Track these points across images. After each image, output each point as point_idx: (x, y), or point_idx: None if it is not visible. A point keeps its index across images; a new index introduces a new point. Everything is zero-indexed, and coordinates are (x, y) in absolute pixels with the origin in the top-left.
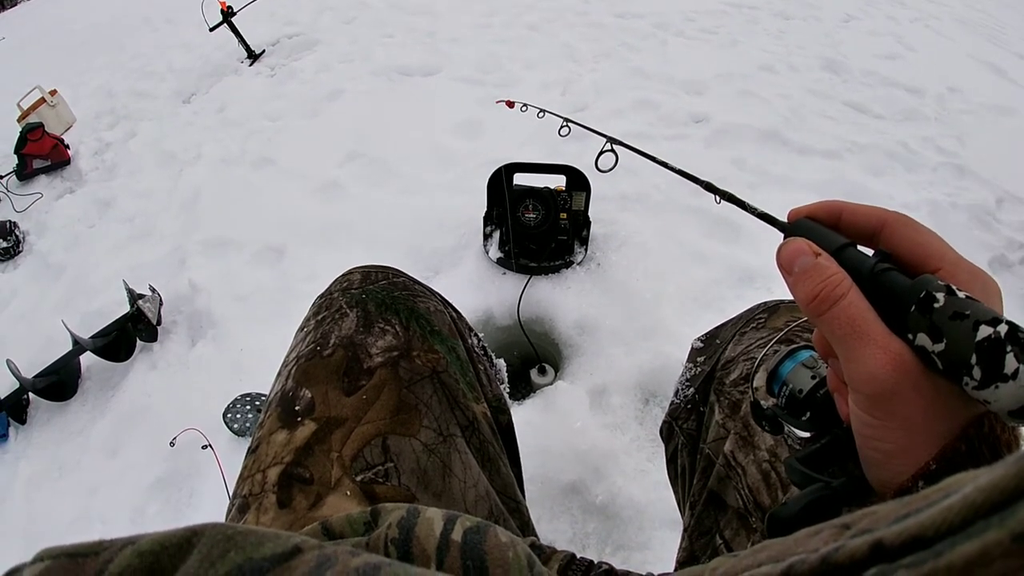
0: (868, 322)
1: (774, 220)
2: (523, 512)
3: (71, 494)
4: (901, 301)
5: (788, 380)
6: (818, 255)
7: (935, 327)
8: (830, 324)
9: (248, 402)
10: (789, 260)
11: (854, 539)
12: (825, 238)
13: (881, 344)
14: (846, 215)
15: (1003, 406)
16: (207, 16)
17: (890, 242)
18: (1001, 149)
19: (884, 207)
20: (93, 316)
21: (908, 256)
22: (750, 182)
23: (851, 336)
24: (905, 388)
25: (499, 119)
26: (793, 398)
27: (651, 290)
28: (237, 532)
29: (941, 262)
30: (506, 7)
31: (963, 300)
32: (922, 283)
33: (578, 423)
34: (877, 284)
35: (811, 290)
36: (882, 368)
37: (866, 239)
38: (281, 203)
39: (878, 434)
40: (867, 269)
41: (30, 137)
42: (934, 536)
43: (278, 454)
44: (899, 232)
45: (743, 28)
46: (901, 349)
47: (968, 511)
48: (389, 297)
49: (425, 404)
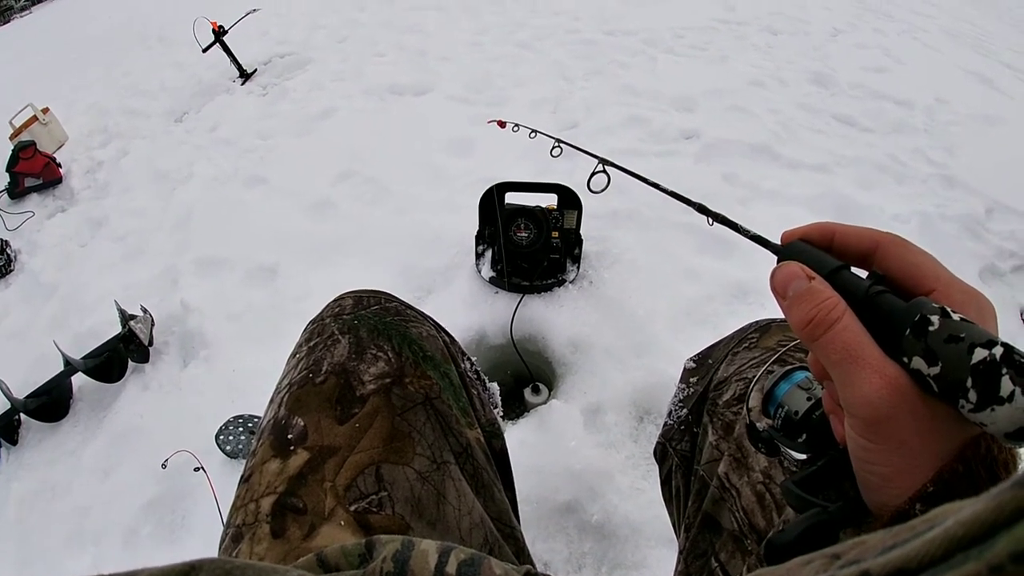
0: (863, 346)
1: (767, 243)
2: (518, 538)
3: (64, 515)
4: (896, 324)
5: (784, 402)
6: (812, 279)
7: (930, 350)
8: (825, 349)
9: (240, 424)
10: (783, 284)
11: (843, 570)
12: (819, 261)
13: (877, 368)
14: (839, 237)
15: (1000, 428)
16: (199, 36)
17: (884, 263)
18: (990, 159)
19: (876, 227)
20: (85, 336)
21: (902, 277)
22: (741, 197)
23: (846, 361)
24: (901, 412)
25: (491, 138)
26: (789, 420)
27: (644, 307)
28: (235, 567)
29: (935, 283)
30: (497, 25)
31: (958, 323)
32: (917, 306)
33: (572, 442)
34: (872, 307)
35: (805, 315)
36: (878, 392)
37: (860, 261)
38: (273, 222)
39: (875, 457)
40: (861, 292)
41: (22, 155)
42: (917, 568)
43: (271, 483)
44: (893, 253)
45: (732, 44)
46: (897, 373)
47: (949, 543)
48: (381, 323)
49: (418, 431)
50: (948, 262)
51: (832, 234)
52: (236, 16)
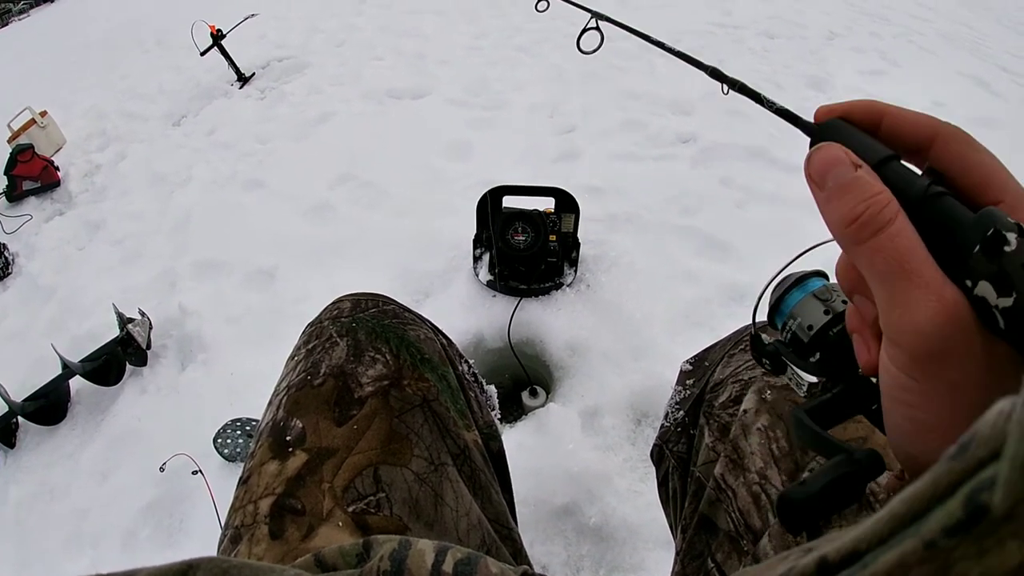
0: (919, 260)
1: (798, 119)
2: (515, 539)
3: (62, 518)
4: (961, 238)
5: (795, 313)
6: (858, 167)
7: (1004, 275)
8: (871, 257)
9: (239, 427)
10: (822, 170)
11: (804, 558)
12: (865, 147)
13: (934, 289)
14: (889, 120)
15: None
16: (196, 40)
17: (942, 161)
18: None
19: None
20: (83, 339)
21: (963, 180)
22: (738, 200)
23: (896, 275)
24: (957, 347)
25: (489, 141)
26: (798, 336)
27: (641, 310)
28: (232, 566)
29: (1003, 193)
30: (495, 29)
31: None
32: (988, 217)
33: (570, 445)
34: (930, 212)
35: (850, 211)
36: (932, 319)
37: (912, 154)
38: (272, 225)
39: (915, 400)
40: (918, 191)
41: (20, 158)
42: (866, 549)
43: (269, 485)
44: (954, 149)
45: (729, 48)
46: (957, 298)
47: (893, 522)
48: (379, 325)
49: (416, 433)
50: None
51: (881, 115)
52: (234, 20)
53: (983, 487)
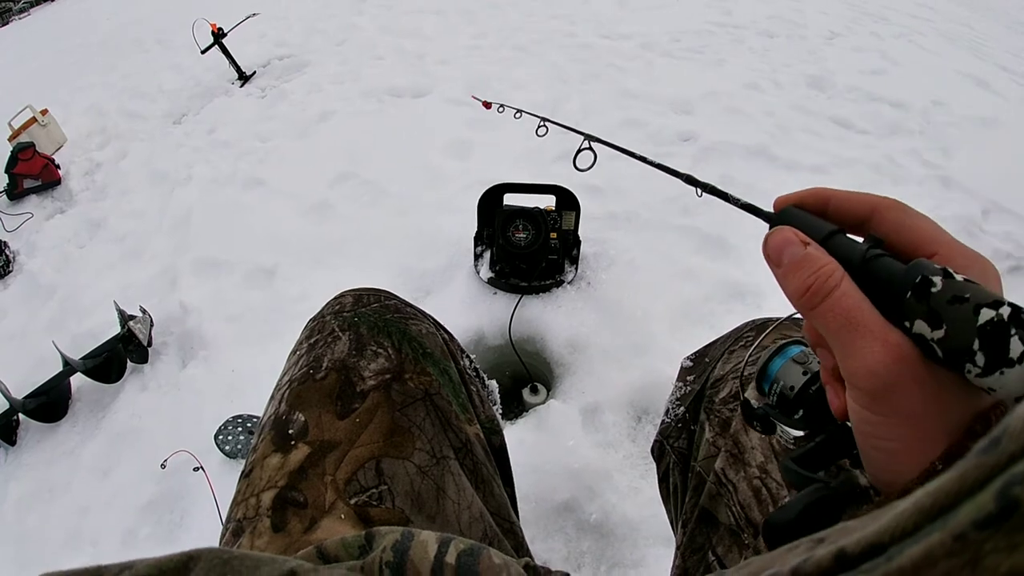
0: (863, 312)
1: (759, 211)
2: (517, 533)
3: (62, 516)
4: (896, 288)
5: (779, 377)
6: (807, 244)
7: (933, 313)
8: (824, 317)
9: (239, 424)
10: (776, 251)
11: (820, 549)
12: (813, 226)
13: (879, 336)
14: (834, 202)
15: (1010, 392)
16: (198, 38)
17: (881, 228)
18: (986, 160)
19: None
20: (83, 337)
21: (901, 242)
22: None
23: (846, 329)
24: (906, 380)
25: (489, 140)
26: (784, 396)
27: (641, 308)
28: (233, 556)
29: (937, 246)
30: (495, 29)
31: (962, 283)
32: (917, 267)
33: (571, 441)
34: (869, 271)
35: (802, 283)
36: (880, 360)
37: (856, 227)
38: (272, 223)
39: (880, 432)
40: (858, 256)
41: (21, 157)
42: (889, 541)
43: (272, 478)
44: (891, 217)
45: (728, 47)
46: (900, 340)
47: (919, 516)
48: (381, 320)
49: (418, 426)
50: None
51: (827, 199)
52: (234, 19)
53: (1015, 481)
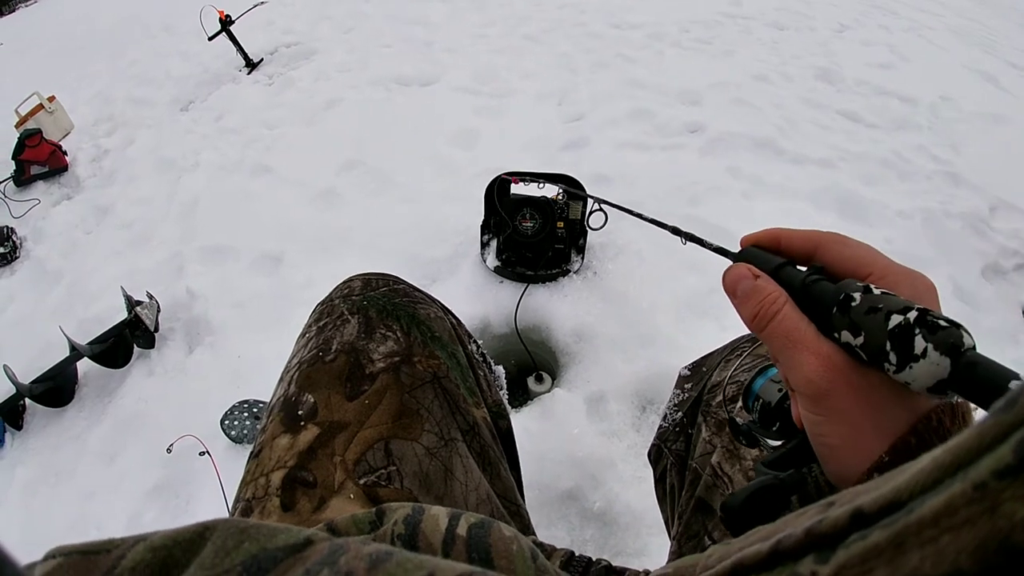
0: (801, 331)
1: (727, 252)
2: (523, 515)
3: (68, 500)
4: (826, 305)
5: (760, 394)
6: (757, 277)
7: (853, 323)
8: (769, 338)
9: (246, 409)
10: (732, 284)
11: (833, 511)
12: (765, 261)
13: (812, 349)
14: (784, 240)
15: (921, 385)
16: (205, 25)
17: (824, 259)
18: (994, 157)
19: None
20: (91, 322)
21: (841, 269)
22: (745, 191)
23: (787, 346)
24: (839, 384)
25: (496, 128)
26: (765, 411)
27: (647, 298)
28: (250, 525)
29: (871, 268)
30: (503, 17)
31: (877, 295)
32: (842, 287)
33: (575, 430)
34: (808, 295)
35: (751, 310)
36: (815, 370)
37: (805, 260)
38: (279, 211)
39: (822, 430)
40: (799, 282)
41: (28, 143)
42: (908, 498)
43: (281, 458)
44: (832, 249)
45: (737, 38)
46: (831, 351)
47: (938, 471)
48: (390, 304)
49: (427, 409)
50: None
51: (779, 238)
52: (240, 4)
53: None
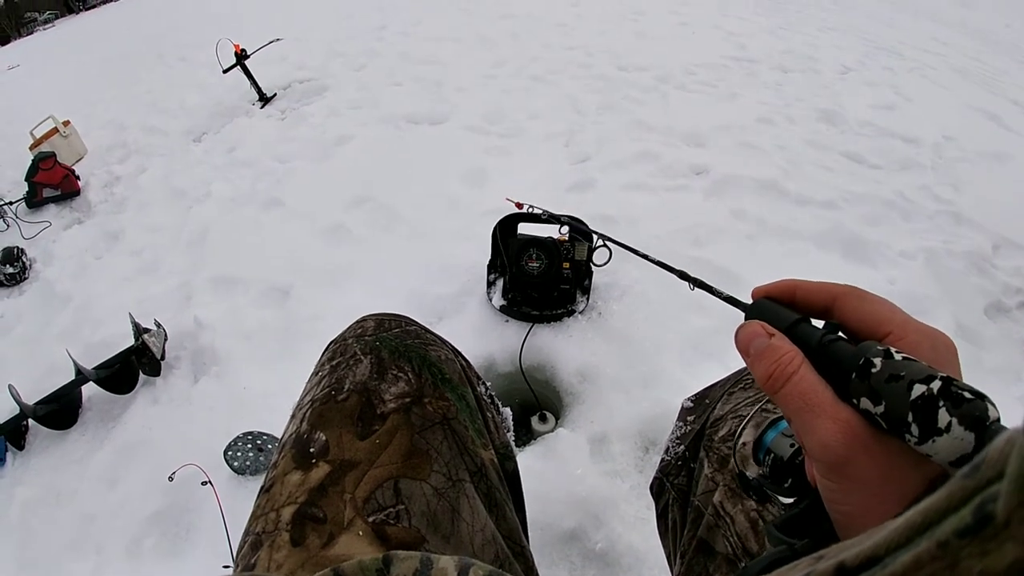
0: (818, 394)
1: (737, 302)
2: (527, 557)
3: (67, 522)
4: (845, 369)
5: (771, 448)
6: (772, 335)
7: (874, 391)
8: (784, 400)
9: (249, 440)
10: (745, 343)
11: (821, 564)
12: (779, 316)
13: (830, 414)
14: (799, 293)
15: (943, 458)
16: (221, 58)
17: (841, 314)
18: (997, 195)
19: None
20: (97, 347)
21: (858, 325)
22: (749, 233)
23: (803, 410)
24: (857, 452)
25: (505, 168)
26: (776, 465)
27: (651, 339)
28: None
29: (890, 326)
30: (512, 58)
31: (899, 362)
32: (862, 350)
33: (578, 470)
34: (826, 355)
35: (765, 370)
36: (833, 436)
37: (821, 314)
38: (288, 244)
39: (839, 497)
40: (815, 342)
41: (42, 166)
42: (885, 553)
43: (292, 494)
44: (849, 304)
45: (743, 81)
46: (850, 416)
47: (911, 530)
48: (402, 345)
49: (436, 449)
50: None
51: (794, 290)
52: (255, 38)
53: (990, 499)
